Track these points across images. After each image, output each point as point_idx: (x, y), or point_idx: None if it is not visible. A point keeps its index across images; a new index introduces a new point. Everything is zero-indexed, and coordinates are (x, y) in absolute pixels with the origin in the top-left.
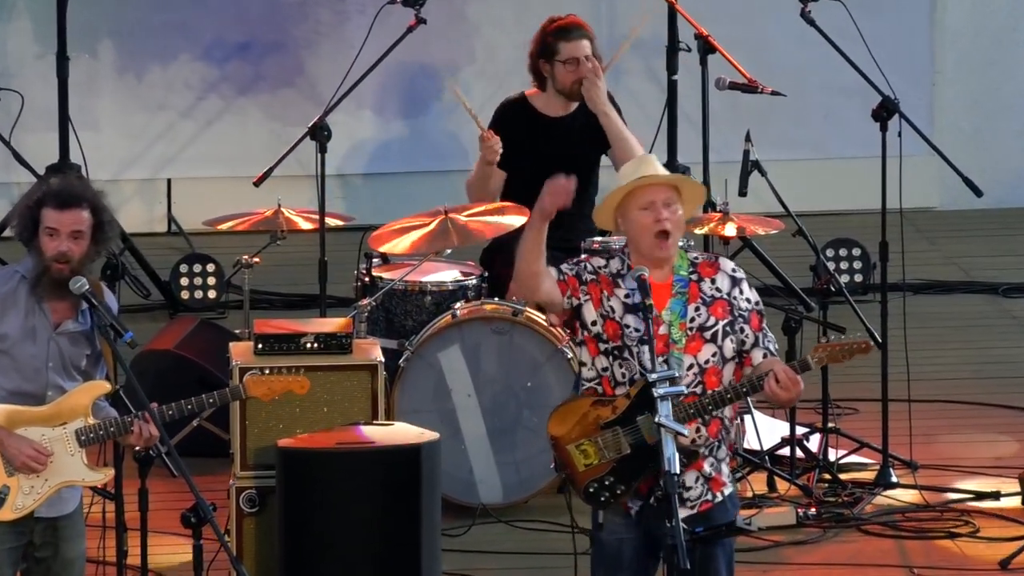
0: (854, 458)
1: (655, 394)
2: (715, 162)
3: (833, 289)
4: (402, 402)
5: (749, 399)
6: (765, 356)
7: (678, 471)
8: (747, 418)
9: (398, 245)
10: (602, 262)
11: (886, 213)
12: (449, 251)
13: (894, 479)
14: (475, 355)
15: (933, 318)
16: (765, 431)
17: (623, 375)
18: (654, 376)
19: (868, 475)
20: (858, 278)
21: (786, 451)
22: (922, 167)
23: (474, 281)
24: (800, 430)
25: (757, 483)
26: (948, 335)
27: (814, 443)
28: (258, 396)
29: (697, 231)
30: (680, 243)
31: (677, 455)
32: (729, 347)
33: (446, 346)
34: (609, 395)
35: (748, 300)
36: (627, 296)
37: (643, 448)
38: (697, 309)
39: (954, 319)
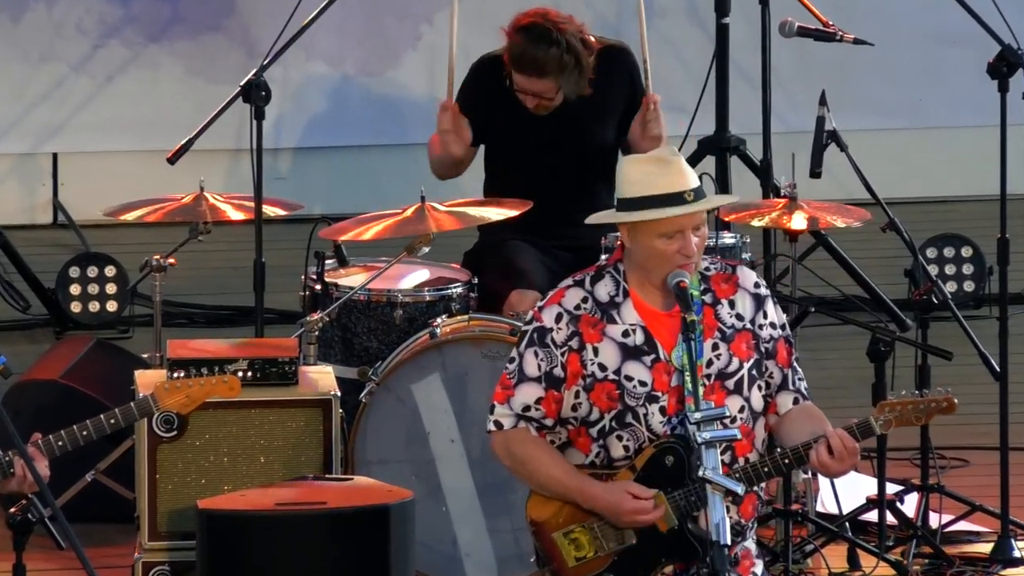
0: (963, 525)
1: (698, 439)
2: (779, 132)
3: (936, 301)
4: (365, 449)
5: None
6: (796, 401)
7: (728, 541)
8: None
9: (364, 234)
10: (578, 295)
11: (1006, 200)
12: (426, 249)
13: (1016, 553)
14: (461, 387)
15: None
16: (845, 489)
17: (624, 450)
18: (698, 415)
19: (982, 548)
20: (969, 286)
21: (873, 516)
22: None
23: (459, 290)
24: (892, 488)
25: (835, 557)
26: None
27: (910, 505)
28: (173, 408)
29: (755, 223)
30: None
31: (727, 521)
32: (758, 397)
33: (423, 375)
34: (605, 467)
35: (773, 325)
36: (626, 334)
37: (653, 537)
38: (715, 348)
39: None
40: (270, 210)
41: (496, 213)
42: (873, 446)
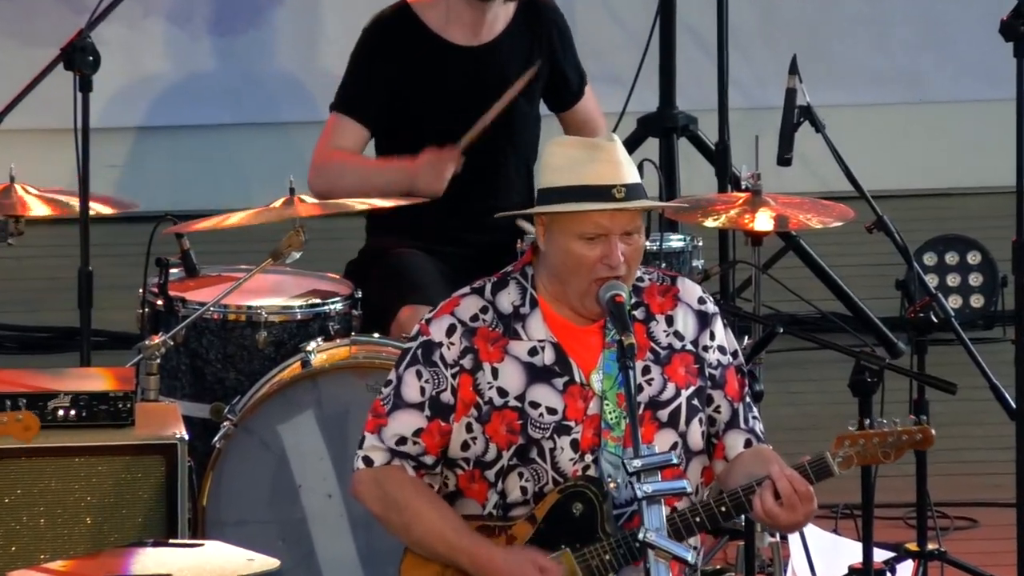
0: None
1: (639, 492)
2: (739, 108)
3: (936, 320)
4: (219, 507)
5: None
6: (748, 444)
7: None
8: (792, 535)
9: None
10: (476, 304)
11: (1023, 193)
12: (298, 255)
13: None
14: (340, 429)
15: None
16: (823, 555)
17: (522, 492)
18: (638, 463)
19: None
20: (978, 301)
21: None
22: None
23: (339, 306)
24: (881, 555)
25: None
26: None
27: None
28: None
29: (709, 222)
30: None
31: None
32: (697, 434)
33: (293, 414)
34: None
35: (722, 350)
36: (533, 352)
37: None
38: (647, 371)
39: None
40: (99, 207)
41: (387, 205)
42: (857, 501)
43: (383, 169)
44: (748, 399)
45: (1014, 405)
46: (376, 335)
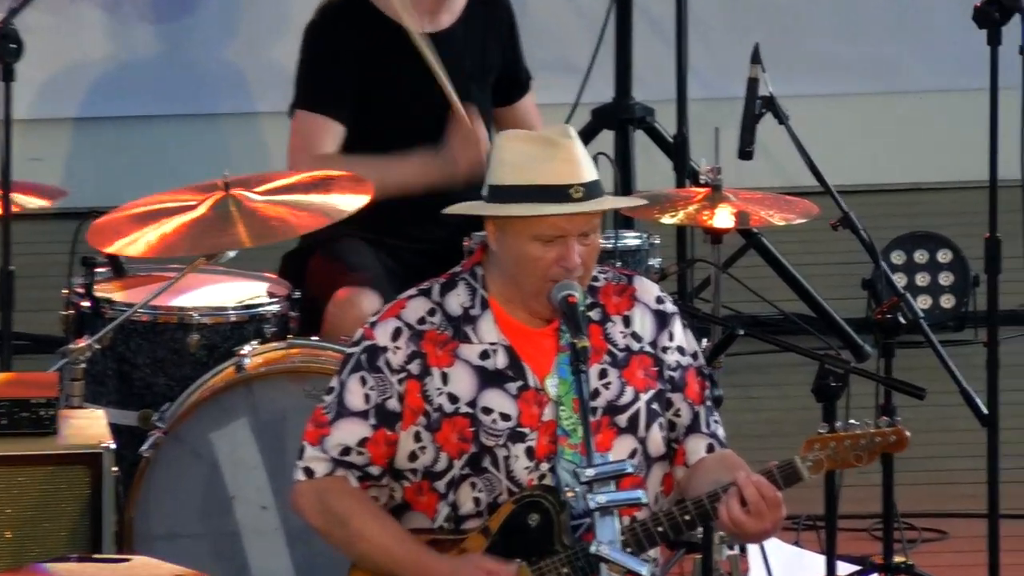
0: None
1: (592, 503)
2: (699, 99)
3: (904, 321)
4: (148, 520)
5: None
6: (711, 448)
7: None
8: (751, 547)
9: (138, 242)
10: (423, 307)
11: (997, 188)
12: (232, 254)
13: None
14: (276, 437)
15: None
16: (784, 569)
17: (475, 503)
18: (591, 472)
19: None
20: (948, 301)
21: None
22: None
23: (275, 307)
24: (845, 569)
25: None
26: None
27: None
28: None
29: (667, 219)
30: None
31: None
32: (657, 439)
33: (226, 421)
34: (450, 529)
35: (681, 351)
36: (484, 355)
37: None
38: (604, 375)
39: None
40: (23, 200)
41: (340, 204)
42: (821, 512)
43: (398, 164)
44: (709, 402)
45: (985, 411)
46: (315, 338)
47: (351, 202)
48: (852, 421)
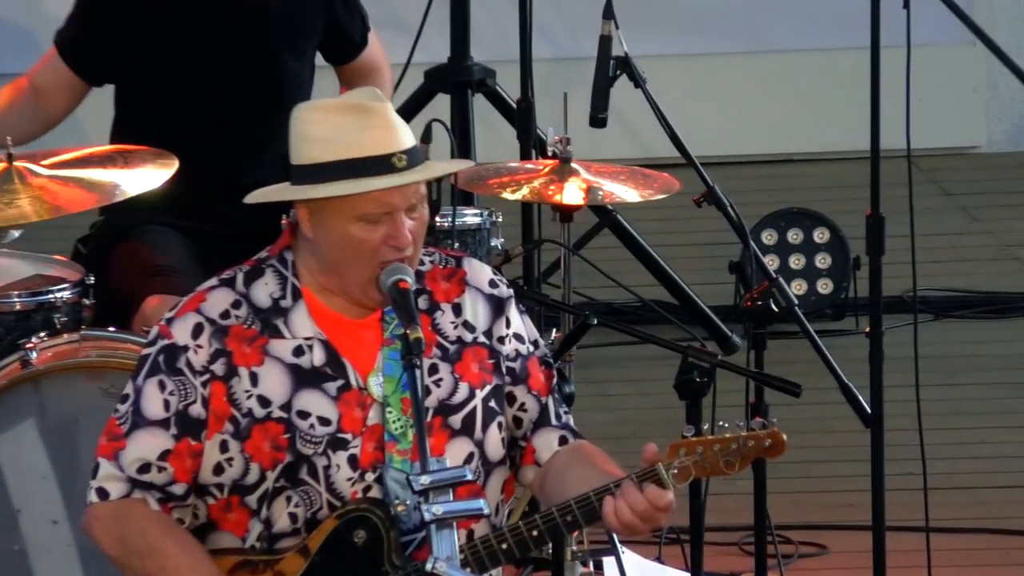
0: None
1: (427, 514)
2: (545, 59)
3: (776, 309)
4: None
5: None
6: (563, 441)
7: None
8: (608, 560)
9: None
10: (227, 299)
11: (879, 159)
12: (17, 234)
13: None
14: (68, 442)
15: (974, 365)
16: None
17: (291, 519)
18: (425, 480)
19: None
20: (825, 286)
21: None
22: (958, 70)
23: (67, 294)
24: None
25: None
26: (1005, 399)
27: None
28: None
29: (510, 194)
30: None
31: None
32: (496, 441)
33: (10, 423)
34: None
35: (520, 338)
36: (299, 351)
37: None
38: (434, 370)
39: (1018, 366)
40: None
41: (133, 178)
42: (686, 524)
43: None
44: (556, 393)
45: (869, 410)
46: (112, 329)
47: (151, 177)
48: (721, 423)
